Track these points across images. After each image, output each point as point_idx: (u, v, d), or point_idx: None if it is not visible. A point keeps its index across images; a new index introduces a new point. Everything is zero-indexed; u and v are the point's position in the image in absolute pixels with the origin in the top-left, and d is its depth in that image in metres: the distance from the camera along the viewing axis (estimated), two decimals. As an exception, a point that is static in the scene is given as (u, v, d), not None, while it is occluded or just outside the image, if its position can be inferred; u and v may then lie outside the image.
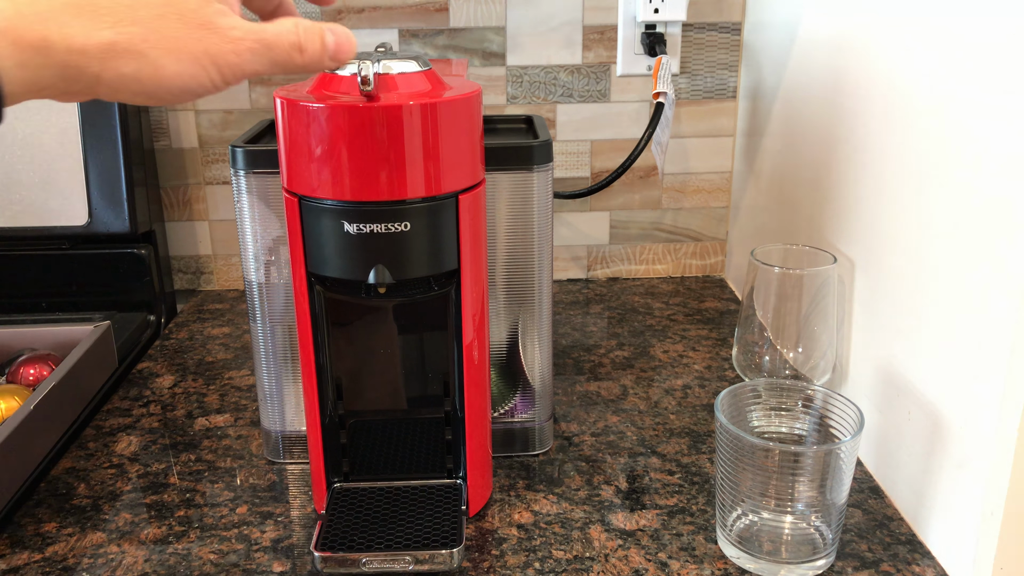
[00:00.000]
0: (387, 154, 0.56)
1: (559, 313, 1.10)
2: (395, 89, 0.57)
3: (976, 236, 0.58)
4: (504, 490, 0.73)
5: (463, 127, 0.59)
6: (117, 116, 1.00)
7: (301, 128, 0.57)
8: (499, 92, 1.14)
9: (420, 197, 0.58)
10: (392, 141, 0.56)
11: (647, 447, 0.80)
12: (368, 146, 0.56)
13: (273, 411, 0.77)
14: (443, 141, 0.58)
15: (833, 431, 0.65)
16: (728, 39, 1.13)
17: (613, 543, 0.66)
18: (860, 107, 0.77)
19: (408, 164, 0.57)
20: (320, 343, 0.66)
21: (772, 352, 0.76)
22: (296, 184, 0.59)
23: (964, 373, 0.60)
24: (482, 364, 0.68)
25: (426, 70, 0.60)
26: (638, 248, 1.22)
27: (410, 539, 0.63)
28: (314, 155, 0.57)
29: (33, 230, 1.01)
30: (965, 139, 0.60)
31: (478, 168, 0.62)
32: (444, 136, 0.58)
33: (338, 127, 0.56)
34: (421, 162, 0.57)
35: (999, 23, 0.55)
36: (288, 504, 0.72)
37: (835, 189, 0.82)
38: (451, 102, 0.58)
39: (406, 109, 0.56)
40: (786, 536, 0.63)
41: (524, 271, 0.73)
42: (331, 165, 0.57)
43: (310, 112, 0.56)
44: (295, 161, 0.58)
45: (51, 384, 0.77)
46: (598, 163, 1.18)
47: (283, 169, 0.60)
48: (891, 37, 0.71)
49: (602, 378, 0.93)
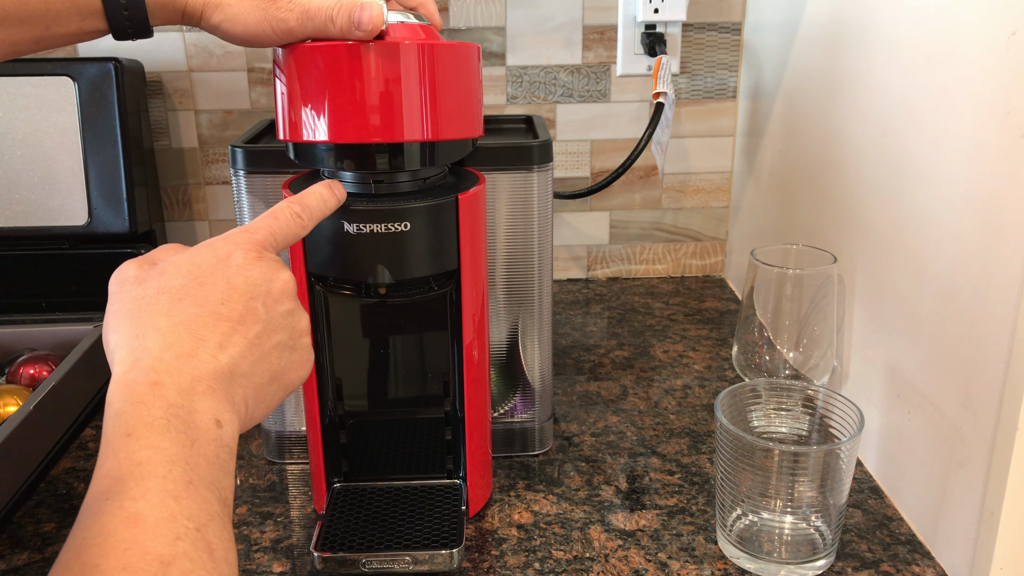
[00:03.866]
0: (384, 91, 0.56)
1: (559, 313, 1.10)
2: (392, 34, 0.58)
3: (976, 236, 0.58)
4: (504, 490, 0.73)
5: (461, 74, 0.59)
6: (117, 116, 1.00)
7: (300, 69, 0.57)
8: (499, 92, 1.14)
9: (417, 140, 0.58)
10: (389, 78, 0.56)
11: (647, 447, 0.80)
12: (365, 83, 0.56)
13: (273, 411, 0.77)
14: (440, 84, 0.58)
15: (833, 431, 0.65)
16: (728, 39, 1.13)
17: (613, 543, 0.66)
18: (860, 107, 0.77)
19: (405, 103, 0.57)
20: (320, 343, 0.66)
21: (772, 352, 0.76)
22: (294, 133, 0.59)
23: (964, 373, 0.60)
24: (482, 364, 0.67)
25: (423, 24, 0.60)
26: (638, 248, 1.22)
27: (410, 539, 0.63)
28: (311, 95, 0.57)
29: (33, 230, 1.01)
30: (965, 139, 0.60)
31: (476, 122, 0.62)
32: (441, 79, 0.58)
33: (335, 64, 0.56)
34: (418, 103, 0.57)
35: (992, 33, 0.55)
36: (288, 504, 0.72)
37: (835, 189, 0.82)
38: (449, 46, 0.58)
39: (403, 48, 0.56)
40: (786, 536, 0.62)
41: (524, 271, 0.73)
42: (329, 102, 0.57)
43: (308, 51, 0.56)
44: (294, 106, 0.58)
45: (51, 384, 0.77)
46: (598, 163, 1.18)
47: (282, 122, 0.60)
48: (891, 37, 0.71)
49: (602, 378, 0.93)
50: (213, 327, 0.45)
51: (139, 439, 0.39)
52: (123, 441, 0.39)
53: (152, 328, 0.44)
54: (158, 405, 0.40)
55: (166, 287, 0.45)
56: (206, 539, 0.37)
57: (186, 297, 0.45)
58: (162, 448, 0.39)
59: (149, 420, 0.40)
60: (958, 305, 0.61)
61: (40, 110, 0.99)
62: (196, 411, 0.42)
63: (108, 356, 0.44)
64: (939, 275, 0.63)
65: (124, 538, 0.35)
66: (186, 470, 0.39)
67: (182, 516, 0.37)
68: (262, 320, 0.47)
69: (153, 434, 0.39)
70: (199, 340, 0.44)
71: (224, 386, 0.44)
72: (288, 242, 0.52)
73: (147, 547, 0.35)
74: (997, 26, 0.55)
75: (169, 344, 0.43)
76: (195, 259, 0.47)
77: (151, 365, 0.42)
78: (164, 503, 0.37)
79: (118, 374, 0.42)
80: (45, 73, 0.98)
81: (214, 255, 0.47)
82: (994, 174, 0.56)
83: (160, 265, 0.47)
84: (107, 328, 0.45)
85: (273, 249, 0.50)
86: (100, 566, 0.34)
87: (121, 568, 0.34)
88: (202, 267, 0.46)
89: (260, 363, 0.47)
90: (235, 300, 0.46)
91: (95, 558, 0.34)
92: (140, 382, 0.41)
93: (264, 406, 0.47)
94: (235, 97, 1.13)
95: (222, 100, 1.13)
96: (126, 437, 0.39)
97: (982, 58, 0.57)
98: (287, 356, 0.49)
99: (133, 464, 0.38)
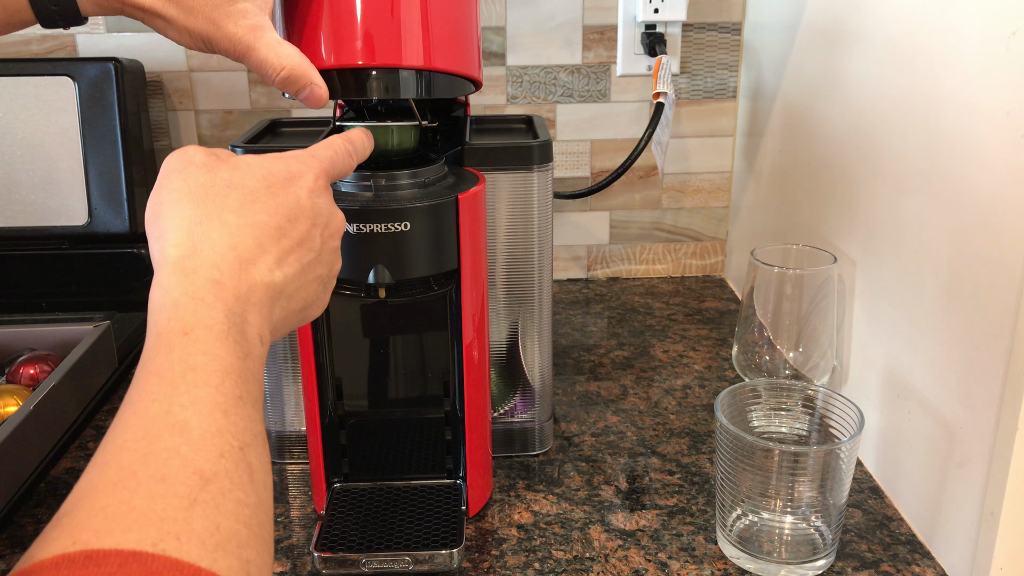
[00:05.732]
0: (382, 12, 0.56)
1: (559, 313, 1.10)
2: None
3: (976, 236, 0.58)
4: (504, 490, 0.73)
5: (458, 6, 0.60)
6: (117, 116, 1.00)
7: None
8: (499, 92, 1.14)
9: (415, 67, 0.58)
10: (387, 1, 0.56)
11: (647, 447, 0.80)
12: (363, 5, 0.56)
13: (273, 411, 0.77)
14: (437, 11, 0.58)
15: (833, 431, 0.65)
16: (728, 39, 1.13)
17: (613, 543, 0.66)
18: (860, 107, 0.77)
19: (404, 26, 0.57)
20: (320, 343, 0.66)
21: (772, 352, 0.76)
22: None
23: (964, 373, 0.60)
24: (482, 364, 0.67)
25: None
26: (638, 248, 1.22)
27: (410, 539, 0.63)
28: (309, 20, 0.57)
29: (33, 230, 1.01)
30: (964, 139, 0.60)
31: (474, 60, 0.62)
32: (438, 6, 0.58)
33: None
34: (416, 27, 0.57)
35: (992, 33, 0.55)
36: (288, 504, 0.72)
37: (835, 189, 0.82)
38: None
39: None
40: (786, 536, 0.62)
41: (524, 271, 0.73)
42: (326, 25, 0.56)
43: None
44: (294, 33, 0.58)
45: (51, 384, 0.77)
46: (598, 163, 1.18)
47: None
48: (891, 37, 0.71)
49: (602, 378, 0.93)
50: (276, 241, 0.43)
51: (197, 341, 0.37)
52: (179, 339, 0.37)
53: (219, 221, 0.41)
54: (219, 308, 0.38)
55: (238, 183, 0.43)
56: (248, 460, 0.36)
57: (257, 201, 0.43)
58: (219, 356, 0.37)
59: (209, 322, 0.38)
60: (958, 305, 0.61)
61: (40, 110, 0.99)
62: (248, 322, 0.40)
63: (154, 232, 0.42)
64: (939, 275, 0.63)
65: (167, 446, 0.33)
66: (238, 384, 0.37)
67: (228, 432, 0.35)
68: (316, 249, 0.46)
69: (212, 338, 0.37)
70: (262, 250, 0.42)
71: (270, 303, 0.42)
72: (340, 175, 0.51)
73: (189, 459, 0.33)
74: (997, 26, 0.55)
75: (235, 244, 0.41)
76: (268, 166, 0.45)
77: (214, 261, 0.40)
78: (213, 416, 0.35)
79: (174, 256, 0.40)
80: (45, 73, 0.98)
81: (287, 169, 0.46)
82: (994, 174, 0.56)
83: (231, 161, 0.45)
84: (161, 203, 0.42)
85: (332, 179, 0.49)
86: (137, 473, 0.32)
87: (159, 479, 0.32)
88: (276, 176, 0.45)
89: (301, 290, 0.45)
90: (301, 221, 0.45)
91: (133, 464, 0.33)
92: (201, 275, 0.39)
93: (281, 332, 0.45)
94: (235, 97, 1.13)
95: (222, 100, 1.13)
96: (183, 335, 0.37)
97: (982, 58, 0.57)
98: (320, 292, 0.48)
99: (187, 368, 0.36)
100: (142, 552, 0.30)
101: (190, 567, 0.31)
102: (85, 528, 0.31)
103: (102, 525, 0.31)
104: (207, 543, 0.32)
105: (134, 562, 0.30)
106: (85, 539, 0.30)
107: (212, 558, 0.31)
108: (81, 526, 0.31)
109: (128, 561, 0.29)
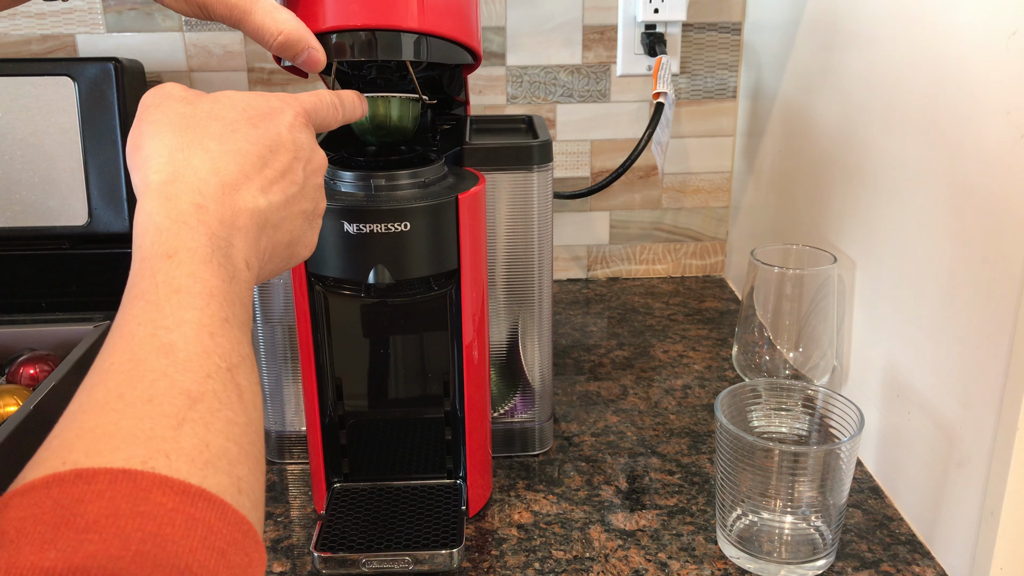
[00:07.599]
0: None
1: (559, 313, 1.10)
2: None
3: (976, 236, 0.58)
4: (504, 490, 0.73)
5: None
6: (117, 116, 1.00)
7: None
8: (499, 92, 1.14)
9: (412, 30, 0.57)
10: None
11: (647, 447, 0.80)
12: None
13: (273, 411, 0.77)
14: None
15: (833, 431, 0.65)
16: (728, 39, 1.13)
17: (613, 543, 0.66)
18: (860, 107, 0.77)
19: None
20: (320, 343, 0.66)
21: (772, 352, 0.76)
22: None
23: (964, 373, 0.60)
24: (482, 364, 0.67)
25: None
26: (638, 248, 1.22)
27: (410, 539, 0.63)
28: None
29: (33, 230, 1.01)
30: (964, 139, 0.60)
31: (472, 29, 0.62)
32: None
33: None
34: None
35: (992, 33, 0.55)
36: (288, 504, 0.72)
37: (835, 189, 0.82)
38: None
39: None
40: (786, 536, 0.62)
41: (524, 271, 0.73)
42: None
43: None
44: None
45: (51, 384, 0.77)
46: (598, 163, 1.18)
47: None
48: (891, 36, 0.71)
49: (602, 378, 0.93)
50: (259, 170, 0.43)
51: (181, 264, 0.37)
52: (163, 263, 0.37)
53: (200, 147, 0.41)
54: (202, 231, 0.38)
55: (218, 115, 0.43)
56: (236, 380, 0.36)
57: (238, 131, 0.43)
58: (203, 279, 0.37)
59: (193, 245, 0.38)
60: (958, 305, 0.61)
61: (40, 110, 0.99)
62: (233, 247, 0.40)
63: (136, 163, 0.42)
64: (939, 275, 0.63)
65: (153, 368, 0.34)
66: (223, 306, 0.37)
67: (215, 354, 0.36)
68: (299, 183, 0.46)
69: (196, 261, 0.37)
70: (245, 176, 0.42)
71: (256, 230, 0.42)
72: (323, 126, 0.51)
73: (176, 380, 0.34)
74: (997, 26, 0.55)
75: (217, 170, 0.41)
76: (249, 100, 0.45)
77: (196, 186, 0.40)
78: (199, 338, 0.36)
79: (156, 182, 0.40)
80: (45, 73, 0.98)
81: (268, 104, 0.46)
82: (994, 174, 0.56)
83: (211, 95, 0.45)
84: (141, 134, 0.42)
85: (313, 124, 0.49)
86: (125, 395, 0.33)
87: (147, 399, 0.33)
88: (256, 109, 0.45)
89: (286, 221, 0.45)
90: (283, 153, 0.45)
91: (120, 386, 0.33)
92: (183, 200, 0.39)
93: (271, 268, 0.46)
94: (235, 97, 1.12)
95: (222, 100, 1.13)
96: (167, 259, 0.37)
97: (982, 58, 0.57)
98: (306, 228, 0.48)
99: (171, 291, 0.36)
100: (131, 470, 0.30)
101: (179, 483, 0.31)
102: (74, 448, 0.31)
103: (91, 445, 0.31)
104: (196, 460, 0.32)
105: (123, 480, 0.30)
106: (75, 459, 0.30)
107: (202, 475, 0.32)
108: (70, 447, 0.31)
109: (118, 479, 0.30)
